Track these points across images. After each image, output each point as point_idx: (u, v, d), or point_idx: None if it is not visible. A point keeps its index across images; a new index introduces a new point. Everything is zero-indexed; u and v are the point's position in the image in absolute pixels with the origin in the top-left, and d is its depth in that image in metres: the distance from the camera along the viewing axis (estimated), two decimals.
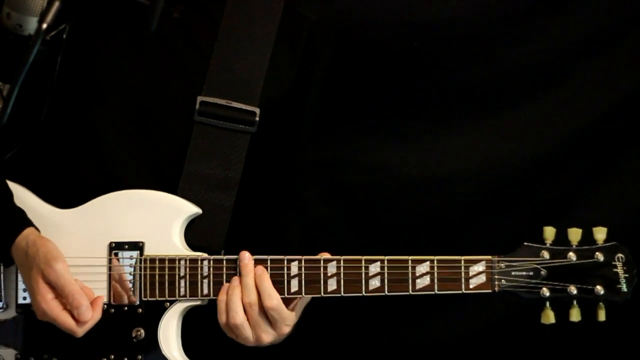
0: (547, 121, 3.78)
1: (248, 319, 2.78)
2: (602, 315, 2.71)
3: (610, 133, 3.74)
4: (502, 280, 2.73)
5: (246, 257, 2.80)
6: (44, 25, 2.43)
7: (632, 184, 3.74)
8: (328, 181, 3.82)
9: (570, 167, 3.76)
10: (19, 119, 2.56)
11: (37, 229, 2.84)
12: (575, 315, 2.71)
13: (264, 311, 2.79)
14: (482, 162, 3.80)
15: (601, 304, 2.70)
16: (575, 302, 2.71)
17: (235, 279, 2.80)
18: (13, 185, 2.90)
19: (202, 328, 2.91)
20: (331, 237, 3.75)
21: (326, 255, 2.82)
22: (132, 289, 2.84)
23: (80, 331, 2.77)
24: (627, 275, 2.69)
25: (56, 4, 2.44)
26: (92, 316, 2.77)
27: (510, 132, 3.80)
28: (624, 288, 2.69)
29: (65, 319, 2.76)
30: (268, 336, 2.81)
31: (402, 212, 3.82)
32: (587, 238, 2.72)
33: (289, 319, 2.81)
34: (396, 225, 3.81)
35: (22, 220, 2.84)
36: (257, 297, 2.77)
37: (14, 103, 2.44)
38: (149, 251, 2.85)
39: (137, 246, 2.85)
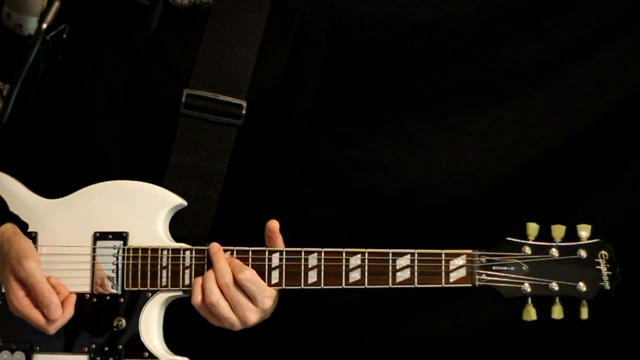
0: (547, 121, 3.76)
1: (226, 300, 2.77)
2: (584, 314, 2.67)
3: (610, 133, 3.72)
4: (483, 275, 2.71)
5: (215, 246, 2.80)
6: (44, 25, 2.43)
7: (632, 184, 3.71)
8: (328, 181, 3.81)
9: (570, 167, 3.74)
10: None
11: (17, 222, 2.84)
12: (557, 312, 2.68)
13: (240, 288, 2.77)
14: (482, 161, 3.78)
15: (584, 301, 2.67)
16: (557, 299, 2.68)
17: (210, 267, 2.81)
18: None
19: (186, 321, 2.89)
20: (331, 237, 3.74)
21: None
22: (114, 278, 2.84)
23: (52, 329, 2.77)
24: (610, 273, 2.65)
25: (56, 4, 2.44)
26: (62, 314, 2.77)
27: (510, 132, 3.78)
28: (607, 286, 2.66)
29: (36, 317, 2.76)
30: (252, 314, 2.79)
31: (402, 212, 3.80)
32: (571, 235, 2.69)
33: (267, 289, 2.79)
34: (396, 225, 3.78)
35: None
36: (231, 278, 2.76)
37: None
38: (132, 242, 2.85)
39: (121, 236, 2.85)
